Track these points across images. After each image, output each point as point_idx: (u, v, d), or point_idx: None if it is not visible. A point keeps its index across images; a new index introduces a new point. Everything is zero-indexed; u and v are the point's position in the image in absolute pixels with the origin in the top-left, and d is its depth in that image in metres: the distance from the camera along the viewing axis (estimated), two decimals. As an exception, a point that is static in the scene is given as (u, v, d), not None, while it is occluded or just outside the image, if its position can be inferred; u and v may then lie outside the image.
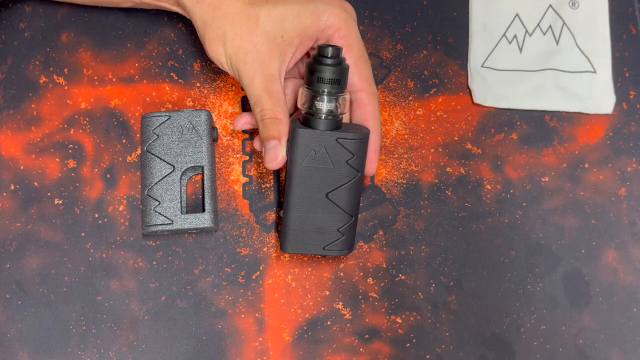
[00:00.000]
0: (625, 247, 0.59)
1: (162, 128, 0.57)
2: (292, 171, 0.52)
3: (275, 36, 0.52)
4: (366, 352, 0.56)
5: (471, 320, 0.57)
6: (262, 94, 0.52)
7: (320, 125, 0.51)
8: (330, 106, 0.51)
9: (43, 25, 0.61)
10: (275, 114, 0.52)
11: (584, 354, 0.57)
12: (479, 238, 0.59)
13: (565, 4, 0.64)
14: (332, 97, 0.51)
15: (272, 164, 0.52)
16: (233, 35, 0.52)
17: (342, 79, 0.51)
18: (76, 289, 0.56)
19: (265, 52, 0.52)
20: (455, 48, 0.63)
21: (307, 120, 0.52)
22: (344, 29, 0.53)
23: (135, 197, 0.58)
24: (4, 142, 0.58)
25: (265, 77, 0.52)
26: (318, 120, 0.51)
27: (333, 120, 0.51)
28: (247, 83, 0.52)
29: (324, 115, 0.51)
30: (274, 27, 0.52)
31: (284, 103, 0.52)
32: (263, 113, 0.52)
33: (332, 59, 0.51)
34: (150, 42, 0.61)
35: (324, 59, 0.51)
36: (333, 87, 0.51)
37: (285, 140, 0.52)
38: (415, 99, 0.62)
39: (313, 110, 0.51)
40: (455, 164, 0.60)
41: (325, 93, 0.51)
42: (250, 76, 0.52)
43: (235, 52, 0.52)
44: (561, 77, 0.62)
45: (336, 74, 0.51)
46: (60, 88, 0.60)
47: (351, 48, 0.53)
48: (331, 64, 0.51)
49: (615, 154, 0.61)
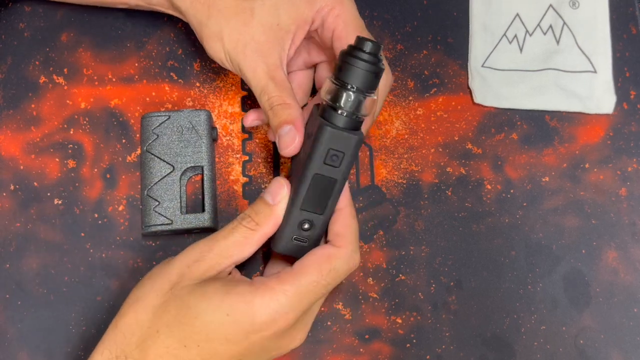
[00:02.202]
0: (626, 247, 0.59)
1: (161, 128, 0.57)
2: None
3: (272, 25, 0.51)
4: (366, 352, 0.56)
5: (471, 321, 0.57)
6: (267, 83, 0.50)
7: (341, 123, 0.47)
8: (356, 104, 0.47)
9: (43, 25, 0.61)
10: (284, 99, 0.50)
11: (584, 354, 0.57)
12: (479, 238, 0.59)
13: (565, 4, 0.64)
14: (360, 96, 0.47)
15: (289, 149, 0.49)
16: (229, 30, 0.51)
17: (375, 78, 0.47)
18: (76, 289, 0.56)
19: (264, 42, 0.51)
20: (455, 48, 0.63)
21: (327, 113, 0.48)
22: (338, 7, 0.51)
23: (135, 197, 0.58)
24: (4, 142, 0.58)
25: (267, 66, 0.50)
26: (340, 117, 0.47)
27: (355, 120, 0.47)
28: (250, 75, 0.51)
29: (346, 112, 0.47)
30: (269, 17, 0.51)
31: (291, 90, 0.51)
32: (271, 101, 0.50)
33: (369, 54, 0.47)
34: (150, 42, 0.61)
35: (361, 53, 0.46)
36: (364, 85, 0.47)
37: (300, 124, 0.49)
38: (416, 98, 0.62)
39: (335, 105, 0.47)
40: (456, 164, 0.60)
41: (355, 90, 0.46)
42: (252, 67, 0.51)
43: (234, 46, 0.51)
44: (562, 77, 0.62)
45: (371, 72, 0.46)
46: (60, 88, 0.60)
47: (347, 26, 0.51)
48: (368, 60, 0.46)
49: (616, 154, 0.61)
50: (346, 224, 0.49)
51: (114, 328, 0.47)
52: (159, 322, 0.46)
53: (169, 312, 0.45)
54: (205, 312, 0.45)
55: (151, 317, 0.46)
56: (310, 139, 0.48)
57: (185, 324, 0.45)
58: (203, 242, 0.48)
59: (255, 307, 0.45)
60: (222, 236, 0.47)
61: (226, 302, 0.45)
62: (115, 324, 0.47)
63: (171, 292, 0.46)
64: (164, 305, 0.46)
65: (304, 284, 0.46)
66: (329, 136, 0.46)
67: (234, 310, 0.45)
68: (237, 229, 0.47)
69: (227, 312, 0.45)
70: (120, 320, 0.46)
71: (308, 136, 0.49)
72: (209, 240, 0.47)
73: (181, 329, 0.45)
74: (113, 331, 0.46)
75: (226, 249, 0.47)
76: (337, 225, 0.50)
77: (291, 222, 0.49)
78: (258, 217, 0.48)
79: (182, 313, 0.45)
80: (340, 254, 0.48)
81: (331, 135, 0.46)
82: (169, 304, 0.46)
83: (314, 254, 0.48)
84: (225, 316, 0.45)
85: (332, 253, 0.48)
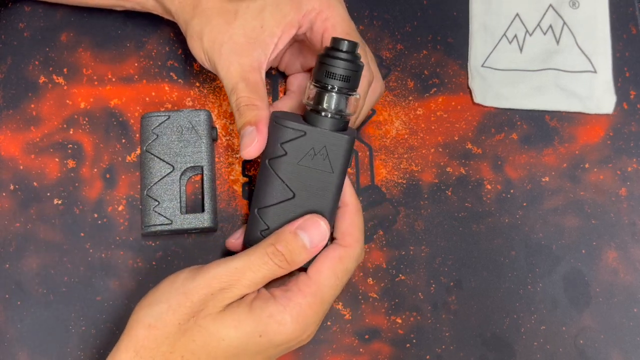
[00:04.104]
0: (626, 247, 0.59)
1: (161, 128, 0.57)
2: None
3: (254, 28, 0.50)
4: (366, 352, 0.56)
5: (471, 321, 0.57)
6: (238, 82, 0.50)
7: (325, 124, 0.47)
8: (338, 105, 0.47)
9: (42, 25, 0.61)
10: (252, 100, 0.49)
11: (584, 354, 0.57)
12: (479, 238, 0.59)
13: (565, 4, 0.64)
14: (341, 95, 0.47)
15: (247, 149, 0.48)
16: (210, 29, 0.51)
17: (354, 76, 0.47)
18: (75, 289, 0.56)
19: (243, 44, 0.50)
20: (455, 48, 0.63)
21: (310, 117, 0.48)
22: (326, 11, 0.51)
23: (135, 197, 0.58)
24: (4, 142, 0.58)
25: (242, 67, 0.50)
26: (323, 118, 0.47)
27: (340, 120, 0.48)
28: (223, 73, 0.50)
29: (330, 113, 0.47)
30: (252, 19, 0.50)
31: (264, 94, 0.50)
32: (239, 101, 0.49)
33: (345, 53, 0.47)
34: (149, 42, 0.61)
35: (336, 52, 0.47)
36: (343, 84, 0.47)
37: (264, 127, 0.49)
38: (416, 98, 0.62)
39: (319, 108, 0.48)
40: (456, 164, 0.60)
41: (335, 90, 0.47)
42: (226, 66, 0.50)
43: (211, 45, 0.51)
44: (561, 77, 0.62)
45: (348, 70, 0.47)
46: (60, 88, 0.60)
47: (336, 29, 0.51)
48: (344, 58, 0.47)
49: (616, 154, 0.61)
50: (353, 222, 0.50)
51: (132, 351, 0.45)
52: (182, 349, 0.45)
53: (193, 341, 0.45)
54: (238, 339, 0.45)
55: (173, 344, 0.45)
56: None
57: (216, 352, 0.45)
58: (227, 270, 0.46)
59: (287, 326, 0.46)
60: (250, 270, 0.46)
61: (260, 326, 0.46)
62: (134, 347, 0.45)
63: (194, 320, 0.45)
64: (188, 334, 0.45)
65: (325, 291, 0.47)
66: (351, 144, 0.47)
67: (267, 331, 0.46)
68: (268, 265, 0.46)
69: (260, 334, 0.46)
70: (138, 344, 0.45)
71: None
72: (235, 270, 0.46)
73: (209, 355, 0.45)
74: (127, 353, 0.45)
75: (254, 283, 0.46)
76: (344, 224, 0.50)
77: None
78: (292, 257, 0.47)
79: (211, 344, 0.45)
80: (350, 253, 0.49)
81: (351, 142, 0.47)
82: (194, 335, 0.45)
83: (326, 257, 0.48)
84: (258, 337, 0.46)
85: (343, 255, 0.49)
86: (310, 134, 0.48)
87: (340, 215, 0.50)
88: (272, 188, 0.49)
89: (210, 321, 0.45)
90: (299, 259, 0.47)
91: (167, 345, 0.45)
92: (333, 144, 0.47)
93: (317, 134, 0.47)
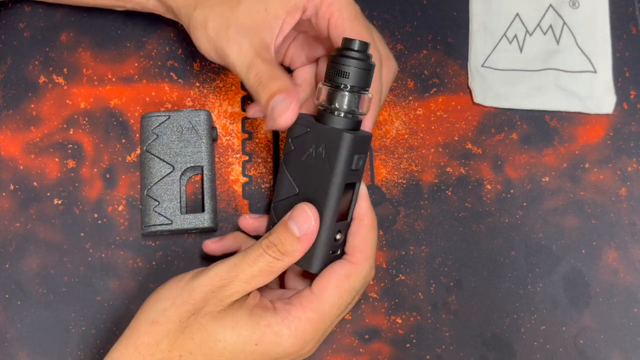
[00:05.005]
0: (625, 247, 0.59)
1: (161, 128, 0.57)
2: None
3: (259, 10, 0.49)
4: (366, 352, 0.56)
5: (471, 321, 0.57)
6: (253, 58, 0.48)
7: (337, 123, 0.47)
8: (350, 104, 0.47)
9: (42, 25, 0.61)
10: (274, 72, 0.47)
11: (584, 354, 0.57)
12: (479, 238, 0.59)
13: (565, 4, 0.64)
14: (353, 94, 0.47)
15: (283, 117, 0.46)
16: (214, 16, 0.50)
17: (365, 75, 0.47)
18: (75, 289, 0.56)
19: (250, 26, 0.49)
20: (455, 48, 0.63)
21: (321, 116, 0.48)
22: None
23: (135, 197, 0.58)
24: (4, 142, 0.58)
25: (254, 45, 0.48)
26: (333, 117, 0.47)
27: (352, 120, 0.47)
28: (235, 55, 0.48)
29: (342, 112, 0.47)
30: (256, 3, 0.49)
31: (282, 68, 0.49)
32: (260, 75, 0.47)
33: (357, 52, 0.47)
34: (149, 42, 0.61)
35: (348, 52, 0.47)
36: (354, 82, 0.47)
37: (295, 94, 0.47)
38: (416, 98, 0.62)
39: (331, 107, 0.47)
40: (456, 164, 0.60)
41: (348, 89, 0.47)
42: (236, 47, 0.48)
43: (217, 32, 0.49)
44: (561, 77, 0.62)
45: (359, 69, 0.47)
46: (60, 88, 0.60)
47: (342, 13, 0.50)
48: (355, 57, 0.47)
49: (616, 154, 0.61)
50: (366, 238, 0.49)
51: (132, 347, 0.45)
52: (181, 347, 0.45)
53: (192, 339, 0.45)
54: (234, 344, 0.45)
55: (172, 342, 0.45)
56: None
57: (211, 354, 0.45)
58: (227, 267, 0.47)
59: (284, 338, 0.46)
60: (247, 264, 0.46)
61: (256, 334, 0.46)
62: (134, 343, 0.46)
63: (194, 318, 0.46)
64: (187, 332, 0.45)
65: (326, 308, 0.47)
66: (350, 142, 0.46)
67: (263, 341, 0.46)
68: (263, 257, 0.46)
69: (256, 343, 0.46)
70: (138, 340, 0.45)
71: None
72: (234, 266, 0.46)
73: (206, 356, 0.45)
74: (127, 349, 0.46)
75: (252, 277, 0.46)
76: (356, 239, 0.49)
77: (327, 240, 0.48)
78: (284, 248, 0.47)
79: (208, 344, 0.45)
80: (358, 271, 0.48)
81: (352, 140, 0.46)
82: (193, 332, 0.45)
83: (332, 272, 0.48)
84: (254, 346, 0.46)
85: (350, 272, 0.48)
86: (313, 131, 0.48)
87: (354, 229, 0.49)
88: (282, 183, 0.50)
89: (210, 320, 0.45)
90: (291, 249, 0.47)
91: (166, 343, 0.45)
92: (332, 141, 0.47)
93: (320, 130, 0.47)
